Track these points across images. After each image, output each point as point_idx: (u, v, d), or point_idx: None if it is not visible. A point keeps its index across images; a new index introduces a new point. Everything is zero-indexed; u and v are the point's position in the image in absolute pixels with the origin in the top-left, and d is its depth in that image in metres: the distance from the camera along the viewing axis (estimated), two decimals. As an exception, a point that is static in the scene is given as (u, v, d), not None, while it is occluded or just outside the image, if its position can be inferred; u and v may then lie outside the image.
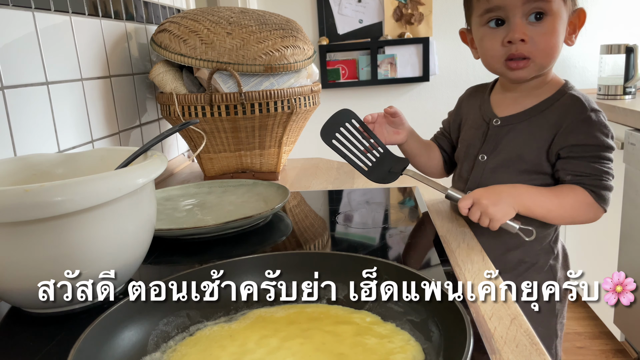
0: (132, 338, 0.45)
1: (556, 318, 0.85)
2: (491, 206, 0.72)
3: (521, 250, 0.82)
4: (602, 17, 2.10)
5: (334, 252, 0.56)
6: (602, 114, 0.76)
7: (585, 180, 0.75)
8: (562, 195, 0.76)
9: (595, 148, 0.75)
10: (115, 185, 0.51)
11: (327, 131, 0.85)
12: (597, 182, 0.75)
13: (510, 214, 0.73)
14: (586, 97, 0.78)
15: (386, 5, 2.12)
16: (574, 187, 0.76)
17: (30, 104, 0.78)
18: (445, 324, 0.43)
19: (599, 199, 0.75)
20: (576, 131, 0.75)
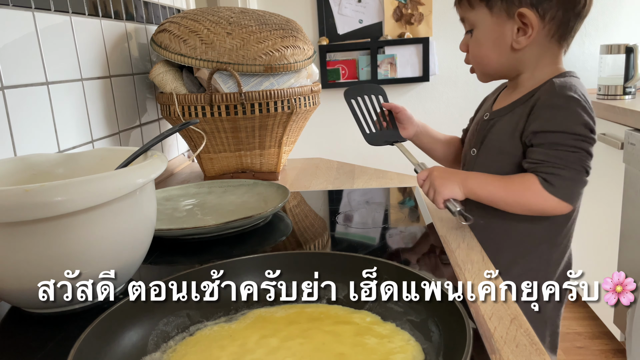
0: (132, 338, 0.45)
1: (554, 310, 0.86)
2: (440, 181, 0.76)
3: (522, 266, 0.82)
4: (602, 17, 2.10)
5: (334, 252, 0.56)
6: (577, 102, 0.73)
7: (539, 167, 0.73)
8: (510, 182, 0.75)
9: (556, 135, 0.72)
10: (115, 185, 0.51)
11: (351, 91, 0.93)
12: (549, 170, 0.72)
13: (455, 193, 0.76)
14: (566, 84, 0.74)
15: (386, 5, 2.12)
16: (526, 174, 0.74)
17: (30, 104, 0.78)
18: (445, 324, 0.43)
19: (549, 186, 0.72)
20: (539, 117, 0.74)
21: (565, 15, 0.74)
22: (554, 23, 0.75)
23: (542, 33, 0.75)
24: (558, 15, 0.74)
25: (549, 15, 0.74)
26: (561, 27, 0.75)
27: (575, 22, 0.76)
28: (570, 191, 0.73)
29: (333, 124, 2.26)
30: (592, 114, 0.74)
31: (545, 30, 0.75)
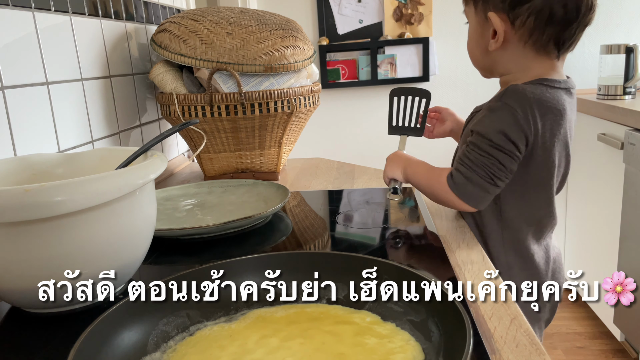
0: (132, 338, 0.45)
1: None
2: (389, 162, 0.86)
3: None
4: (602, 17, 2.10)
5: (334, 252, 0.56)
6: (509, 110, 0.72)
7: (455, 163, 0.77)
8: (431, 173, 0.79)
9: (476, 136, 0.74)
10: (115, 185, 0.51)
11: (398, 90, 0.95)
12: (458, 166, 0.75)
13: (396, 174, 0.84)
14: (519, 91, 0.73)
15: (386, 5, 2.12)
16: (446, 168, 0.79)
17: (30, 104, 0.78)
18: (445, 324, 0.43)
19: (451, 182, 0.75)
20: (479, 118, 0.76)
21: (538, 23, 0.73)
22: (525, 29, 0.74)
23: (513, 38, 0.75)
24: (529, 22, 0.73)
25: (518, 22, 0.73)
26: (535, 34, 0.74)
27: (557, 30, 0.73)
28: (468, 192, 0.74)
29: (333, 124, 2.26)
30: (524, 127, 0.72)
31: (517, 36, 0.75)
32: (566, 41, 0.75)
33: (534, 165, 0.76)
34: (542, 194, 0.80)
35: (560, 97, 0.75)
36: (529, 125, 0.72)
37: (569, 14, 0.72)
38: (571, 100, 0.78)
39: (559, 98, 0.75)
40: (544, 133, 0.73)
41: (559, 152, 0.77)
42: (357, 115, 2.25)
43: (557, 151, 0.76)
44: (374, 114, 2.26)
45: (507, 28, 0.74)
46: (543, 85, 0.75)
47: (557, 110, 0.74)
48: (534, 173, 0.77)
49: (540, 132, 0.73)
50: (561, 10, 0.71)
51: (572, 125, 0.78)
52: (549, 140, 0.74)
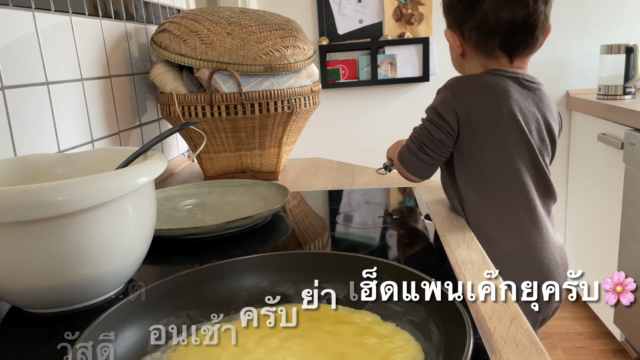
0: (132, 338, 0.45)
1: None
2: (392, 145, 0.97)
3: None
4: (602, 17, 2.10)
5: (334, 252, 0.56)
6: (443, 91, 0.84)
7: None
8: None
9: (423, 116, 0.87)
10: (115, 185, 0.51)
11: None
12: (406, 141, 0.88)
13: (391, 155, 0.95)
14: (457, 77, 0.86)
15: (386, 5, 2.12)
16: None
17: (30, 104, 0.78)
18: (445, 324, 0.43)
19: (400, 154, 0.87)
20: None
21: (479, 36, 0.84)
22: (472, 41, 0.86)
23: (467, 48, 0.87)
24: (473, 35, 0.84)
25: (466, 35, 0.86)
26: (480, 44, 0.85)
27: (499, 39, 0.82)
28: (406, 159, 0.86)
29: (333, 124, 2.26)
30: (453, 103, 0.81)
31: (469, 46, 0.87)
32: (515, 47, 0.83)
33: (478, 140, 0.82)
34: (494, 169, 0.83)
35: (501, 81, 0.83)
36: (459, 101, 0.81)
37: (505, 25, 0.81)
38: (522, 89, 0.84)
39: (499, 81, 0.83)
40: (477, 109, 0.81)
41: (508, 131, 0.81)
42: (357, 115, 2.25)
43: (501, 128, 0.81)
44: (374, 114, 2.26)
45: (461, 41, 0.87)
46: (486, 73, 0.85)
47: (495, 91, 0.82)
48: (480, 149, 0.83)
49: (474, 108, 0.81)
50: (496, 23, 0.82)
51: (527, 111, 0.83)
52: (486, 117, 0.81)
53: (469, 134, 0.82)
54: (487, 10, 0.81)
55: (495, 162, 0.82)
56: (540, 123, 0.85)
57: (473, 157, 0.83)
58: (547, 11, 0.83)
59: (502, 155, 0.82)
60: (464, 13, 0.84)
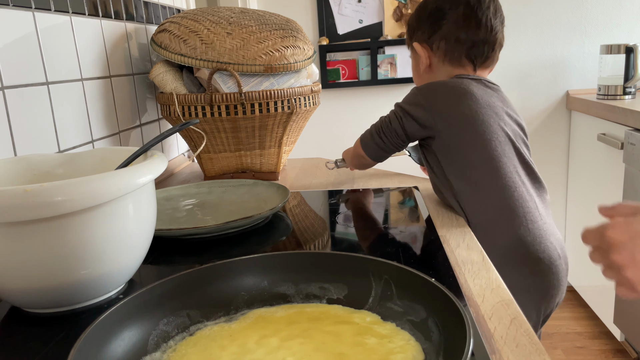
0: (132, 338, 0.45)
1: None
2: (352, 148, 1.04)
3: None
4: (602, 17, 2.10)
5: (334, 252, 0.56)
6: (415, 90, 0.91)
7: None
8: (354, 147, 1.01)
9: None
10: (115, 185, 0.51)
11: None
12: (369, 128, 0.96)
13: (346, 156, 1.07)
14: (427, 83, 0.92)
15: (386, 5, 2.12)
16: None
17: (30, 104, 0.78)
18: (445, 324, 0.43)
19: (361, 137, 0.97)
20: None
21: (448, 45, 0.92)
22: (440, 51, 0.93)
23: (435, 59, 0.95)
24: (442, 45, 0.93)
25: (435, 46, 0.94)
26: (448, 53, 0.93)
27: (466, 47, 0.91)
28: (364, 139, 0.96)
29: (333, 124, 2.26)
30: (418, 100, 0.88)
31: (437, 57, 0.94)
32: (478, 56, 0.92)
33: (455, 134, 0.87)
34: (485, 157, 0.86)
35: (466, 82, 0.89)
36: (425, 99, 0.88)
37: (472, 36, 0.90)
38: (486, 89, 0.90)
39: (463, 82, 0.89)
40: (449, 105, 0.87)
41: (481, 120, 0.86)
42: (357, 115, 2.25)
43: (477, 117, 0.86)
44: (374, 114, 2.25)
45: (429, 53, 0.95)
46: (451, 79, 0.92)
47: (461, 89, 0.87)
48: (460, 140, 0.87)
49: (445, 105, 0.87)
50: (463, 35, 0.90)
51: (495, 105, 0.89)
52: (459, 110, 0.86)
53: (446, 129, 0.87)
54: (452, 25, 0.91)
55: (476, 148, 0.86)
56: (511, 116, 0.91)
57: (456, 149, 0.87)
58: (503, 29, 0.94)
59: (481, 140, 0.86)
60: (433, 26, 0.93)
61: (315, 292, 0.54)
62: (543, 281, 0.87)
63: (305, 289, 0.54)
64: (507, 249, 0.85)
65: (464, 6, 0.90)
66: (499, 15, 0.92)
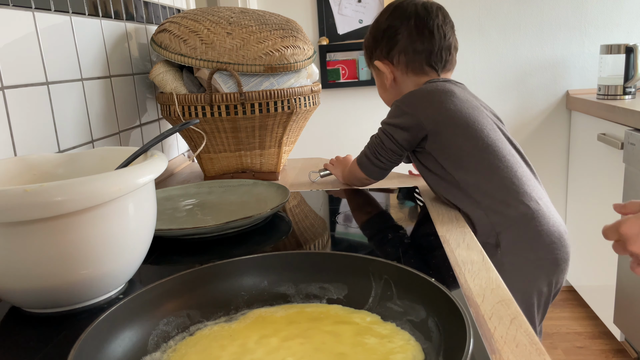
0: (132, 338, 0.45)
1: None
2: (338, 161, 1.11)
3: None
4: (602, 17, 2.10)
5: (333, 252, 0.56)
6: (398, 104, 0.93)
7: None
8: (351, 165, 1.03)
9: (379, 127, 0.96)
10: (115, 185, 0.51)
11: None
12: (363, 149, 0.98)
13: (336, 172, 1.10)
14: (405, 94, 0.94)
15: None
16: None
17: (30, 104, 0.78)
18: (445, 324, 0.43)
19: (358, 160, 0.98)
20: None
21: (407, 57, 0.96)
22: (402, 64, 0.97)
23: (397, 72, 0.99)
24: (402, 58, 0.97)
25: (395, 60, 0.98)
26: (410, 64, 0.97)
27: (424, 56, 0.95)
28: (364, 165, 0.97)
29: (333, 124, 2.26)
30: (407, 113, 0.90)
31: (399, 70, 0.98)
32: (438, 62, 0.96)
33: (448, 131, 0.89)
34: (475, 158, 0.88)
35: (439, 83, 0.94)
36: (409, 107, 0.91)
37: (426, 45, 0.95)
38: (458, 87, 0.95)
39: (438, 84, 0.93)
40: (434, 107, 0.89)
41: (467, 113, 0.89)
42: (357, 115, 2.25)
43: (463, 112, 0.89)
44: (374, 114, 2.26)
45: (392, 68, 0.99)
46: (423, 85, 0.96)
47: (438, 91, 0.91)
48: (455, 135, 0.89)
49: (429, 108, 0.89)
50: (420, 45, 0.95)
51: (472, 99, 0.93)
52: (445, 109, 0.89)
53: (436, 127, 0.89)
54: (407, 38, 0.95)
55: (470, 138, 0.88)
56: (486, 107, 0.96)
57: (451, 143, 0.89)
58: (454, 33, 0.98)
59: (472, 130, 0.88)
60: (389, 42, 0.97)
61: (315, 292, 0.54)
62: (555, 254, 0.89)
63: (305, 289, 0.54)
64: (520, 224, 0.87)
65: (414, 19, 0.95)
66: (447, 21, 0.97)
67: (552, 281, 0.90)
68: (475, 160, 0.88)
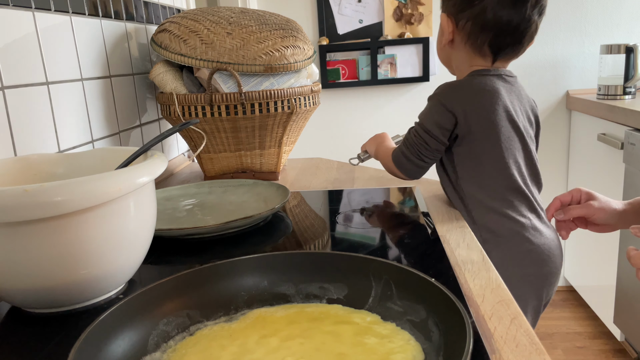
0: (132, 338, 0.45)
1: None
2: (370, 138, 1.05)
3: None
4: (602, 17, 2.10)
5: (333, 252, 0.56)
6: (435, 100, 0.87)
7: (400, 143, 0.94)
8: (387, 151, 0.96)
9: (416, 123, 0.90)
10: (115, 185, 0.51)
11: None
12: (400, 146, 0.93)
13: (369, 148, 1.04)
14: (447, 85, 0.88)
15: (386, 5, 2.12)
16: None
17: (30, 104, 0.78)
18: (445, 324, 0.43)
19: (394, 157, 0.93)
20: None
21: (474, 29, 0.86)
22: (464, 32, 0.88)
23: (457, 38, 0.90)
24: (467, 26, 0.87)
25: (460, 24, 0.88)
26: (472, 36, 0.88)
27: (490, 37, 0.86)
28: (403, 165, 0.91)
29: (333, 124, 2.26)
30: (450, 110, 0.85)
31: (460, 36, 0.89)
32: (501, 48, 0.87)
33: (478, 139, 0.86)
34: (491, 164, 0.87)
35: (490, 81, 0.87)
36: (454, 108, 0.84)
37: (502, 25, 0.84)
38: (507, 84, 0.89)
39: (487, 81, 0.87)
40: (474, 111, 0.84)
41: (502, 126, 0.86)
42: (357, 115, 2.25)
43: (499, 125, 0.85)
44: (374, 114, 2.26)
45: (453, 29, 0.89)
46: (471, 76, 0.89)
47: (485, 92, 0.85)
48: (480, 147, 0.86)
49: (470, 110, 0.84)
50: (492, 20, 0.84)
51: (516, 106, 0.89)
52: (484, 117, 0.85)
53: (467, 135, 0.86)
54: (486, 6, 0.84)
55: (494, 157, 0.87)
56: (527, 112, 0.92)
57: (473, 156, 0.87)
58: (539, 22, 0.87)
59: (500, 150, 0.86)
60: (464, 3, 0.86)
61: (315, 292, 0.54)
62: (544, 270, 0.89)
63: (305, 289, 0.54)
64: (510, 241, 0.88)
65: None
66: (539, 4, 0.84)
67: (541, 295, 0.91)
68: (489, 179, 0.87)
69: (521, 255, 0.88)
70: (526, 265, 0.88)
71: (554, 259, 0.90)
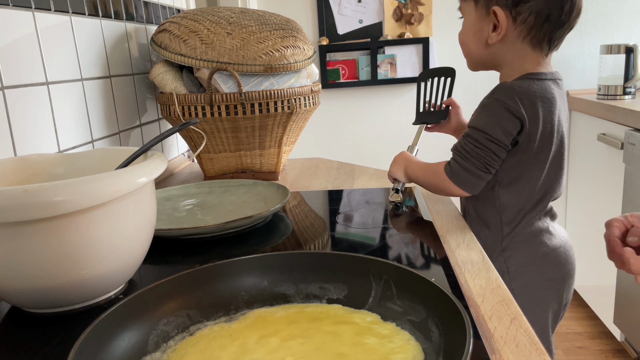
0: (132, 338, 0.45)
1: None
2: (393, 163, 0.93)
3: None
4: (602, 17, 2.10)
5: (333, 252, 0.56)
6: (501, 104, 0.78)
7: (452, 154, 0.83)
8: (428, 168, 0.87)
9: (472, 130, 0.81)
10: (115, 185, 0.51)
11: (426, 73, 1.01)
12: (455, 156, 0.82)
13: (398, 174, 0.91)
14: (507, 87, 0.80)
15: (386, 5, 2.12)
16: (442, 162, 0.85)
17: (30, 104, 0.78)
18: (445, 324, 0.43)
19: (448, 169, 0.82)
20: (474, 115, 0.84)
21: (537, 21, 0.79)
22: (525, 26, 0.80)
23: (513, 33, 0.81)
24: (530, 19, 0.79)
25: (520, 18, 0.80)
26: (533, 31, 0.80)
27: (552, 29, 0.80)
28: (464, 179, 0.81)
29: (333, 124, 2.26)
30: (517, 116, 0.78)
31: (517, 31, 0.81)
32: (556, 40, 0.83)
33: (532, 148, 0.81)
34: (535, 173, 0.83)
35: (548, 87, 0.81)
36: (522, 114, 0.78)
37: (564, 15, 0.79)
38: (559, 90, 0.83)
39: (547, 87, 0.81)
40: (537, 119, 0.79)
41: (555, 137, 0.82)
42: (357, 115, 2.25)
43: (553, 137, 0.81)
44: (374, 114, 2.26)
45: (509, 23, 0.80)
46: (529, 79, 0.81)
47: (546, 99, 0.80)
48: (532, 156, 0.82)
49: (534, 118, 0.79)
50: (558, 11, 0.79)
51: (562, 113, 0.84)
52: (543, 126, 0.80)
53: (525, 143, 0.80)
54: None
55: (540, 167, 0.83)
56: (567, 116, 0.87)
57: (523, 163, 0.82)
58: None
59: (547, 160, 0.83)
60: None
61: (315, 292, 0.54)
62: (562, 272, 0.89)
63: (305, 289, 0.54)
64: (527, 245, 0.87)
65: None
66: None
67: (562, 297, 0.90)
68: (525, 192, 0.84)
69: (539, 258, 0.87)
70: (545, 269, 0.87)
71: (570, 259, 0.89)
